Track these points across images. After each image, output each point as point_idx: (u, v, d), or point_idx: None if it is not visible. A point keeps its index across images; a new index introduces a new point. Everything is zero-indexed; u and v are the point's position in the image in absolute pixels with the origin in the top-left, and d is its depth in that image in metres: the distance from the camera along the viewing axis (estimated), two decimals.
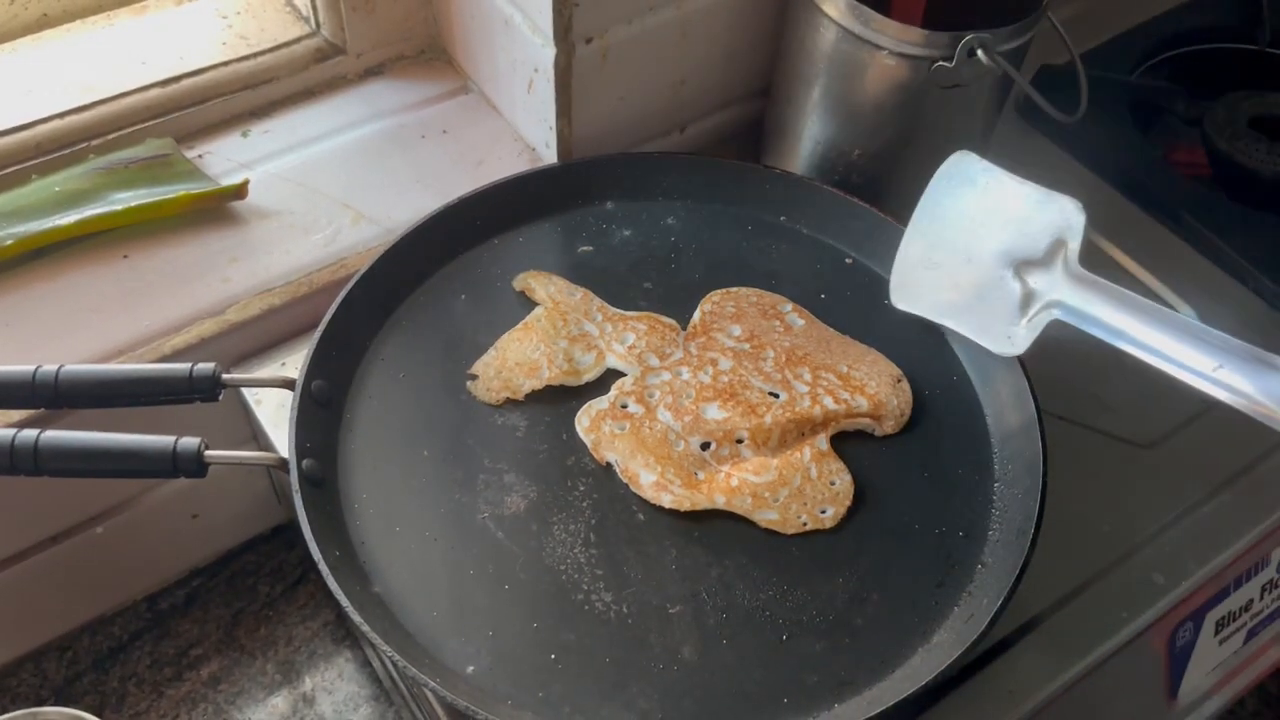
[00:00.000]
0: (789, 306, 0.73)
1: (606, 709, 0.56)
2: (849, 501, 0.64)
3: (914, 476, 0.66)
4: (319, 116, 0.84)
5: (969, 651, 0.56)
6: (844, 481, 0.64)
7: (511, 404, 0.67)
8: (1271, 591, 0.76)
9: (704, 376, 0.68)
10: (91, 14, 0.84)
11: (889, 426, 0.67)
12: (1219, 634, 0.73)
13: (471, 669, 0.57)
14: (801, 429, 0.66)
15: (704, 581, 0.61)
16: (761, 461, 0.65)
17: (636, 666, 0.58)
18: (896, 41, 0.70)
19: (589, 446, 0.65)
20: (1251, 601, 0.75)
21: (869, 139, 0.77)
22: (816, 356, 0.70)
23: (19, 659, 0.77)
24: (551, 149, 0.80)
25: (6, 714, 0.63)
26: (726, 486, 0.64)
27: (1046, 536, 0.60)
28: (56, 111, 0.77)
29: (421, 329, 0.71)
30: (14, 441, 0.57)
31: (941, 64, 0.70)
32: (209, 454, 0.59)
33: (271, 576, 0.83)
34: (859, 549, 0.63)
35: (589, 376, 0.69)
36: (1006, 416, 0.67)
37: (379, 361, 0.69)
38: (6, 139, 0.76)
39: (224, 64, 0.82)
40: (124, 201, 0.74)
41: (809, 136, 0.79)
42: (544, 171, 0.78)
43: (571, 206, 0.78)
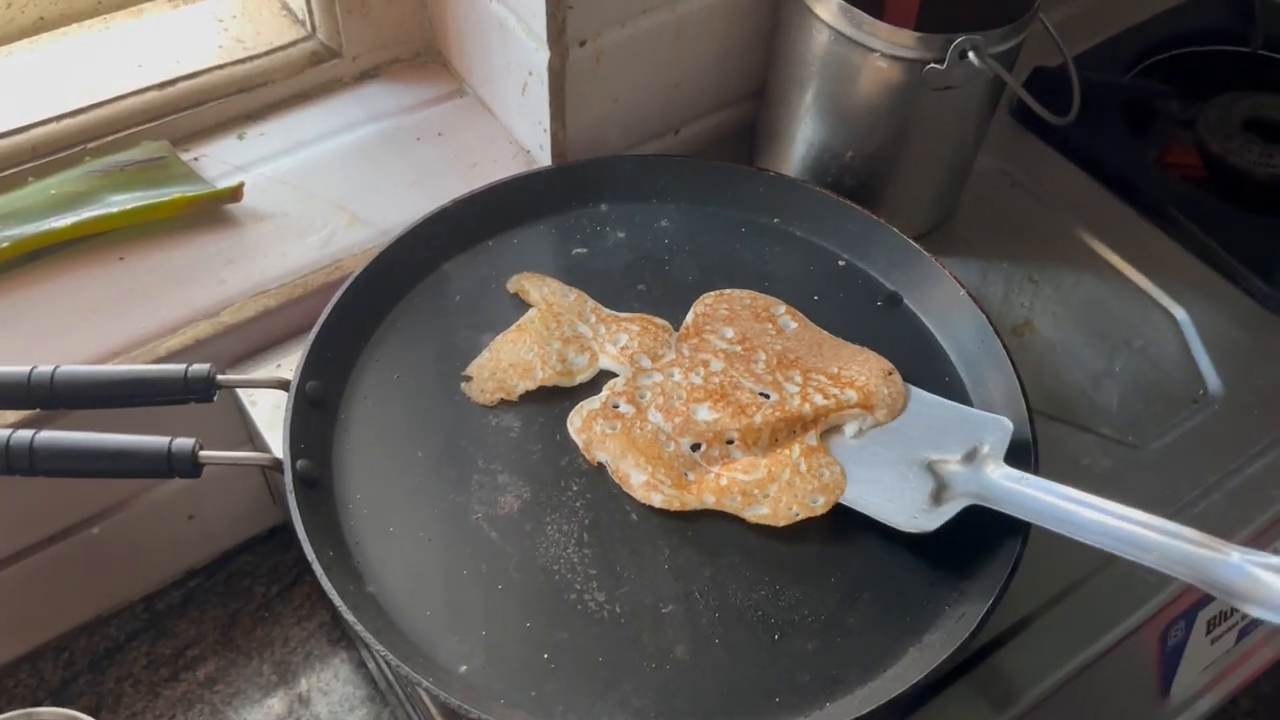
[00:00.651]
0: (782, 309, 0.73)
1: (599, 708, 0.56)
2: (840, 490, 0.63)
3: None
4: (314, 119, 0.84)
5: (960, 650, 0.56)
6: (834, 472, 0.64)
7: (505, 405, 0.68)
8: None
9: (695, 378, 0.69)
10: (88, 17, 0.84)
11: (882, 416, 0.67)
12: (1210, 633, 0.74)
13: (465, 668, 0.57)
14: (792, 427, 0.66)
15: (697, 581, 0.61)
16: (751, 461, 0.65)
17: (629, 665, 0.58)
18: (888, 44, 0.70)
19: (581, 447, 0.66)
20: None
21: (862, 141, 0.77)
22: (808, 359, 0.70)
23: (16, 660, 0.77)
24: (546, 151, 0.80)
25: (2, 714, 0.63)
26: (716, 486, 0.64)
27: (1039, 535, 0.60)
28: (53, 114, 0.77)
29: (416, 330, 0.71)
30: (9, 442, 0.57)
31: (933, 66, 0.70)
32: (204, 454, 0.59)
33: (267, 577, 0.83)
34: (851, 549, 0.63)
35: (582, 377, 0.69)
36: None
37: (373, 363, 0.69)
38: (3, 142, 0.76)
39: (220, 67, 0.82)
40: (120, 204, 0.74)
41: (802, 139, 0.80)
42: (538, 174, 0.78)
43: (565, 208, 0.78)
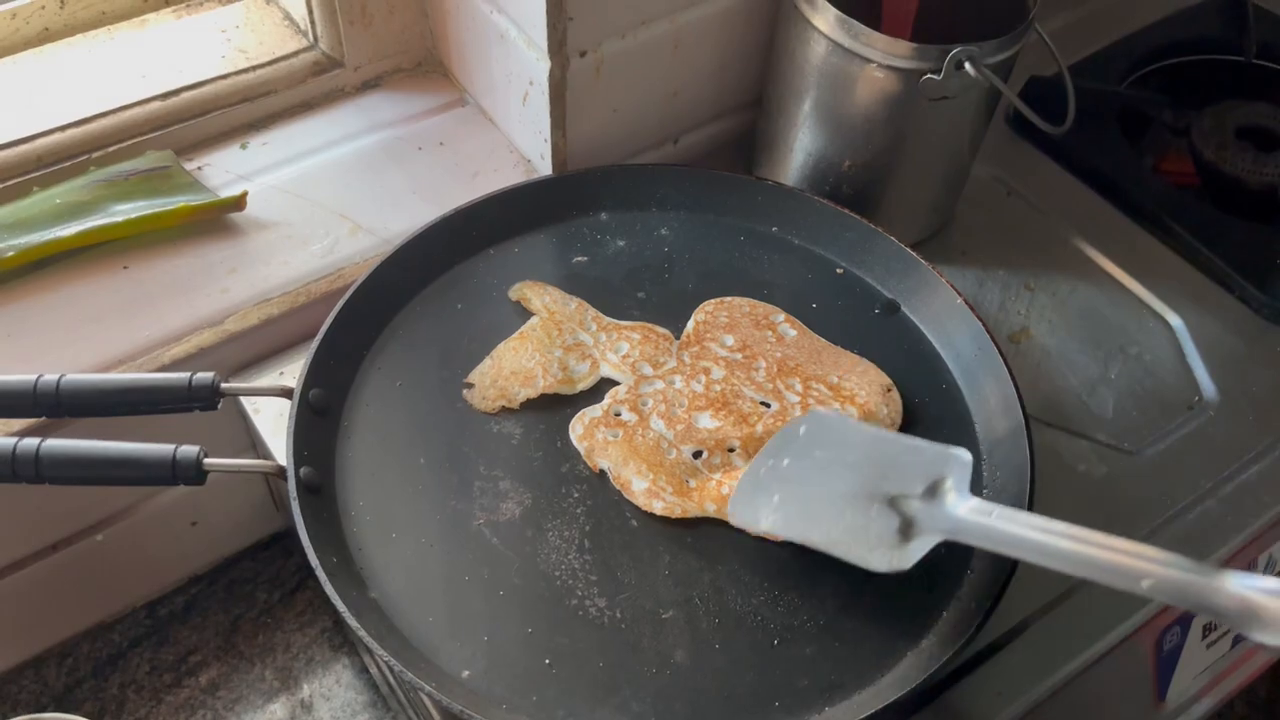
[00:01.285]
0: (781, 317, 0.74)
1: (600, 712, 0.57)
2: None
3: None
4: (317, 129, 0.85)
5: (957, 655, 0.57)
6: None
7: (507, 412, 0.68)
8: None
9: (697, 385, 0.69)
10: (92, 28, 0.85)
11: None
12: (1206, 638, 0.74)
13: (467, 673, 0.58)
14: None
15: (697, 586, 0.62)
16: None
17: (629, 670, 0.58)
18: (885, 54, 0.71)
19: (582, 454, 0.66)
20: None
21: (859, 150, 0.78)
22: (808, 367, 0.71)
23: (19, 665, 0.78)
24: (546, 160, 0.81)
25: None
26: (717, 494, 0.64)
27: None
28: (57, 124, 0.78)
29: (418, 338, 0.72)
30: (15, 449, 0.57)
31: (930, 76, 0.71)
32: (208, 461, 0.59)
33: (270, 584, 0.83)
34: None
35: (584, 385, 0.70)
36: (995, 423, 0.68)
37: (376, 370, 0.70)
38: (8, 151, 0.76)
39: (223, 77, 0.82)
40: (124, 213, 0.75)
41: (800, 148, 0.80)
42: (539, 183, 0.79)
43: (566, 217, 0.79)
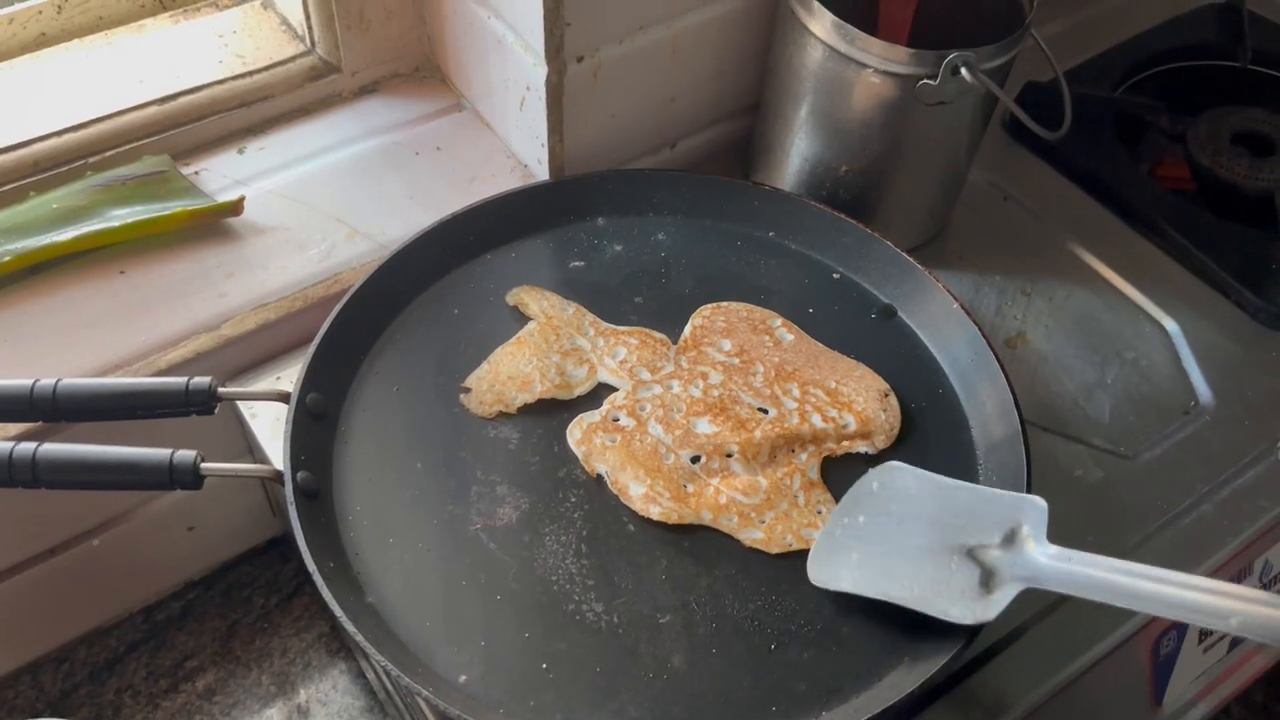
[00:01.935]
0: (778, 321, 0.74)
1: (597, 717, 0.57)
2: None
3: None
4: (314, 134, 0.85)
5: (955, 660, 0.57)
6: (830, 511, 0.64)
7: (504, 417, 0.68)
8: None
9: (694, 390, 0.69)
10: (89, 33, 0.85)
11: (880, 442, 0.68)
12: (1202, 642, 0.74)
13: (464, 678, 0.58)
14: (791, 444, 0.67)
15: (694, 591, 0.62)
16: (751, 482, 0.65)
17: (627, 675, 0.58)
18: (882, 60, 0.71)
19: (580, 458, 0.66)
20: None
21: (856, 155, 0.78)
22: (805, 372, 0.71)
23: (16, 671, 0.78)
24: (544, 165, 0.81)
25: None
26: (715, 503, 0.64)
27: None
28: (54, 129, 0.78)
29: (415, 343, 0.72)
30: (12, 454, 0.57)
31: (926, 82, 0.71)
32: (205, 466, 0.59)
33: (266, 589, 0.83)
34: None
35: (581, 390, 0.70)
36: (991, 428, 0.68)
37: (373, 375, 0.70)
38: (5, 156, 0.76)
39: (220, 82, 0.83)
40: (121, 218, 0.75)
41: (797, 153, 0.81)
42: (536, 188, 0.79)
43: (563, 222, 0.79)
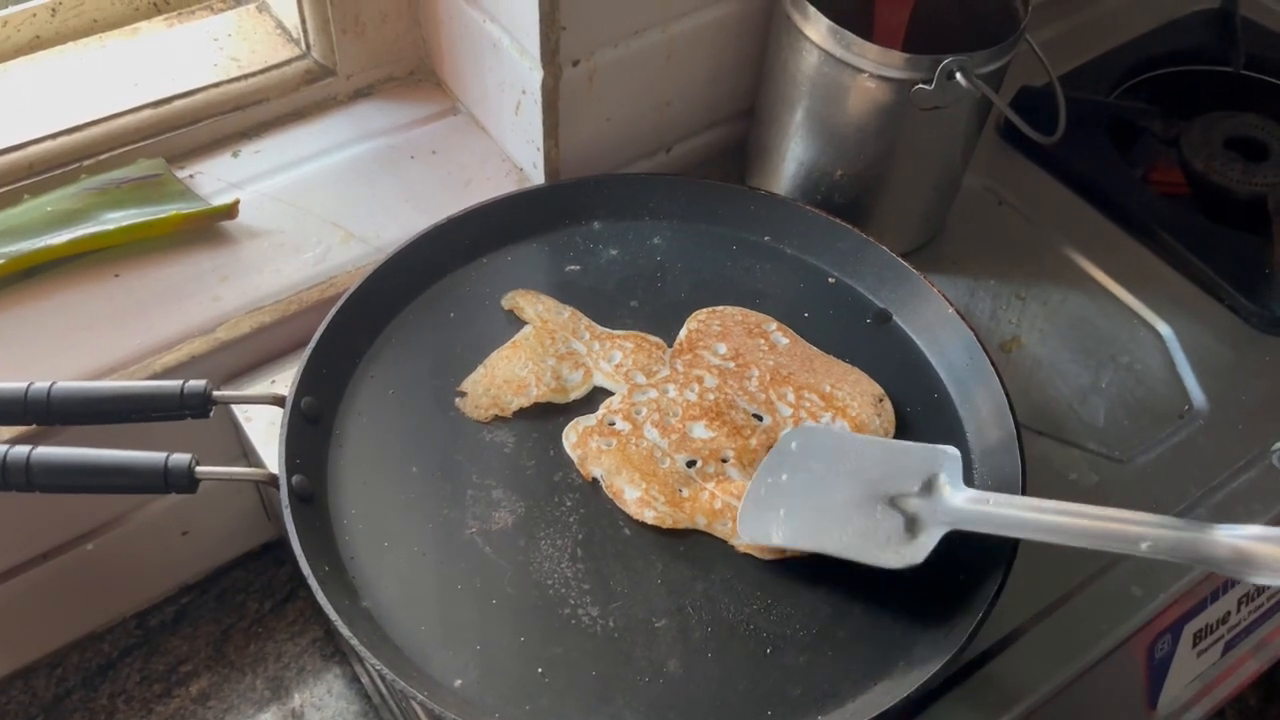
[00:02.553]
0: (774, 325, 0.74)
1: None
2: None
3: None
4: (309, 137, 0.85)
5: (950, 664, 0.57)
6: None
7: (499, 421, 0.68)
8: (1248, 604, 0.77)
9: (690, 394, 0.69)
10: (84, 36, 0.85)
11: None
12: (1197, 646, 0.74)
13: (459, 682, 0.58)
14: None
15: (689, 596, 0.62)
16: (745, 487, 0.65)
17: (622, 680, 0.58)
18: (877, 64, 0.71)
19: (576, 462, 0.66)
20: (1229, 614, 0.76)
21: (851, 160, 0.78)
22: (800, 376, 0.71)
23: (9, 676, 0.77)
24: (539, 169, 0.81)
25: None
26: (710, 508, 0.64)
27: (1027, 549, 0.60)
28: (49, 132, 0.78)
29: (411, 347, 0.71)
30: (6, 458, 0.57)
31: (921, 86, 0.71)
32: (200, 470, 0.59)
33: (261, 593, 0.83)
34: (841, 565, 0.62)
35: (576, 394, 0.70)
36: (986, 432, 0.68)
37: (368, 379, 0.70)
38: None
39: (215, 85, 0.83)
40: (116, 221, 0.75)
41: (792, 157, 0.81)
42: (531, 192, 0.79)
43: (559, 226, 0.79)
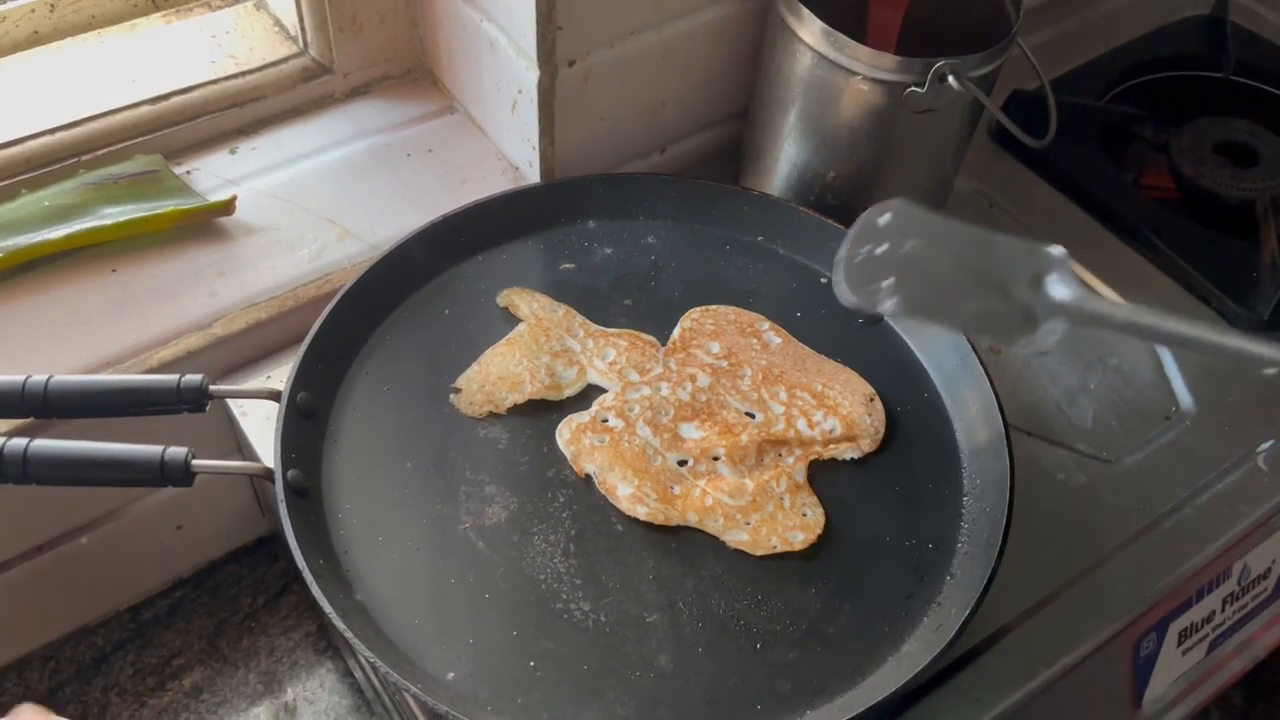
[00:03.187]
0: (766, 325, 0.74)
1: (584, 715, 0.57)
2: (819, 530, 0.65)
3: (886, 492, 0.67)
4: (306, 134, 0.85)
5: (938, 660, 0.58)
6: (815, 514, 0.65)
7: (494, 417, 0.69)
8: (1233, 604, 0.78)
9: (683, 393, 0.70)
10: (82, 32, 0.85)
11: (865, 445, 0.69)
12: (1182, 644, 0.75)
13: (452, 675, 0.58)
14: (777, 448, 0.68)
15: (680, 591, 0.62)
16: (737, 484, 0.66)
17: (614, 674, 0.59)
18: (869, 67, 0.72)
19: (569, 459, 0.67)
20: (1214, 613, 0.76)
21: (843, 162, 0.79)
22: (792, 375, 0.71)
23: (3, 668, 0.78)
24: (535, 168, 0.82)
25: None
26: (700, 505, 0.65)
27: (1015, 547, 0.61)
28: (47, 127, 0.78)
29: (406, 343, 0.72)
30: (4, 450, 0.58)
31: (914, 89, 0.72)
32: (196, 463, 0.60)
33: (254, 588, 0.83)
34: (832, 561, 0.64)
35: (570, 391, 0.70)
36: (976, 432, 0.69)
37: (363, 375, 0.70)
38: None
39: (213, 82, 0.83)
40: (113, 216, 0.75)
41: (785, 159, 0.81)
42: (527, 190, 0.80)
43: (554, 225, 0.79)
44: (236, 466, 0.64)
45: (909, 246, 0.60)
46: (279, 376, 0.73)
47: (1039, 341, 0.57)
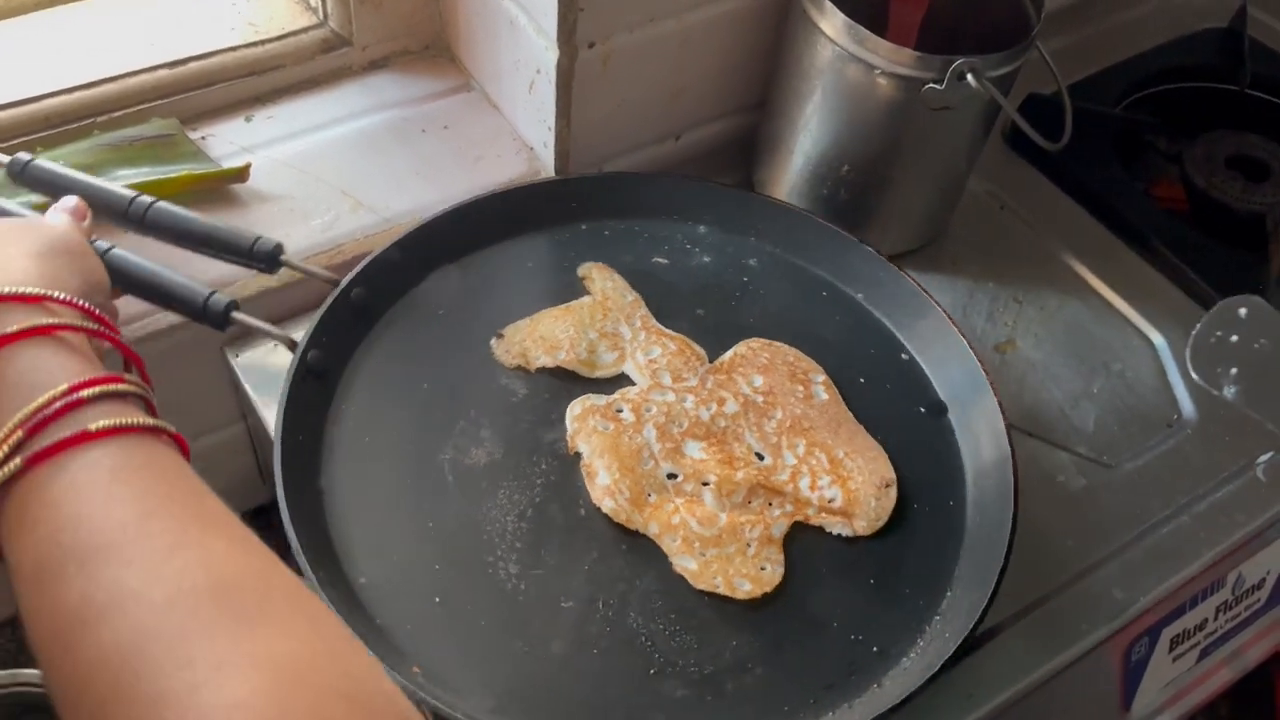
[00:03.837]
0: (821, 378, 0.72)
1: (456, 666, 0.57)
2: (769, 588, 0.62)
3: (859, 579, 0.64)
4: (322, 106, 0.85)
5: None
6: (773, 572, 0.63)
7: (521, 371, 0.70)
8: (1225, 613, 0.78)
9: (704, 412, 0.68)
10: None
11: (859, 527, 0.65)
12: (1173, 651, 0.75)
13: (363, 580, 0.60)
14: (770, 496, 0.65)
15: (607, 591, 0.61)
16: (711, 514, 0.64)
17: (503, 639, 0.59)
18: (889, 62, 0.72)
19: (568, 433, 0.67)
20: (1206, 621, 0.77)
21: (858, 156, 0.79)
22: (820, 433, 0.68)
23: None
24: (549, 149, 0.82)
25: None
26: (666, 520, 0.64)
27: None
28: (64, 86, 0.78)
29: (479, 281, 0.74)
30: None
31: (932, 86, 0.72)
32: (236, 315, 0.64)
33: None
34: (768, 622, 0.61)
35: (603, 373, 0.70)
36: (983, 527, 0.66)
37: (431, 290, 0.73)
38: (13, 111, 0.77)
39: (231, 49, 0.83)
40: (127, 178, 0.75)
41: (800, 150, 0.81)
42: (661, 178, 0.80)
43: (668, 218, 0.79)
44: (269, 328, 0.66)
45: (1260, 344, 0.60)
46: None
47: None
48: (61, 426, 0.40)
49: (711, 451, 0.67)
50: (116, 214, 0.66)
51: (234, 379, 0.74)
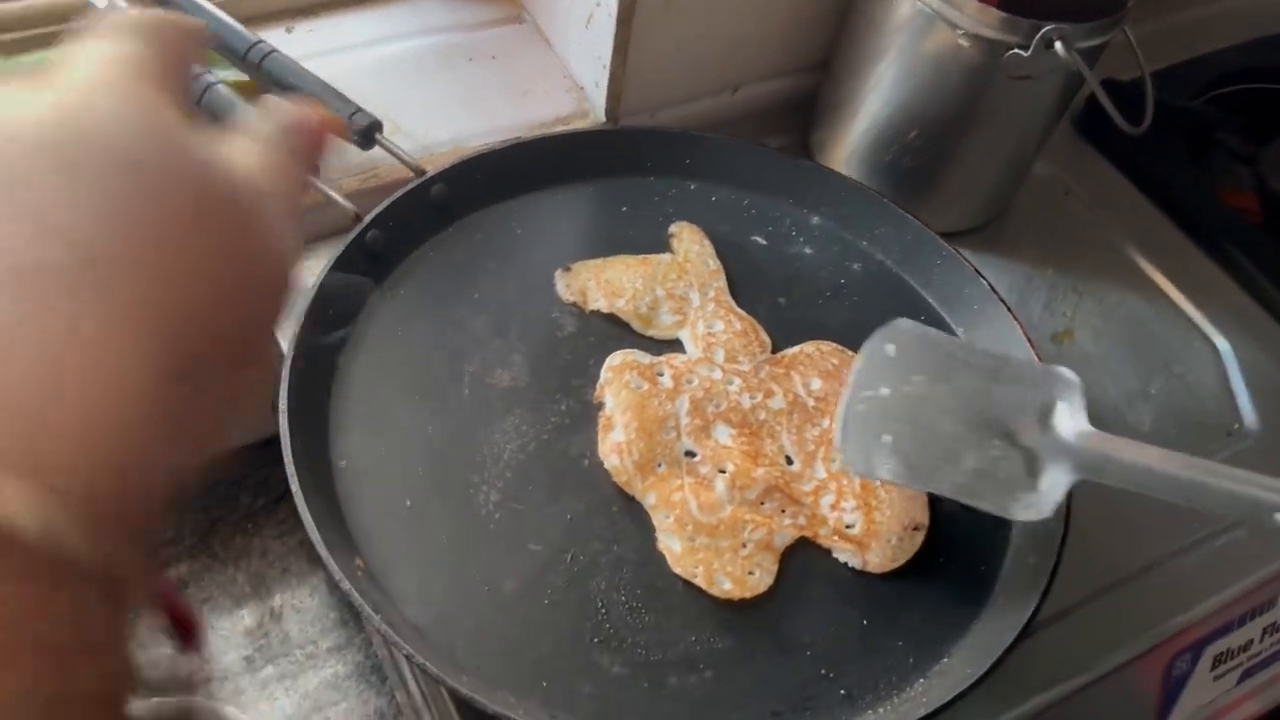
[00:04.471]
0: None
1: (404, 579, 0.55)
2: (750, 595, 0.57)
3: (852, 613, 0.57)
4: (367, 23, 0.81)
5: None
6: (761, 579, 0.57)
7: (577, 309, 0.67)
8: (1272, 634, 0.74)
9: (747, 400, 0.63)
10: None
11: (871, 562, 0.59)
12: (1215, 669, 0.72)
13: (344, 463, 0.58)
14: (784, 505, 0.60)
15: (581, 547, 0.57)
16: (716, 502, 0.59)
17: (461, 565, 0.56)
18: (973, 21, 0.68)
19: (601, 380, 0.63)
20: (1251, 641, 0.73)
21: (928, 122, 0.75)
22: None
23: None
24: (601, 89, 0.77)
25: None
26: (666, 495, 0.59)
27: None
28: None
29: (566, 211, 0.72)
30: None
31: (1016, 52, 0.68)
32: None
33: (255, 489, 0.80)
34: (737, 628, 0.56)
35: (657, 333, 0.66)
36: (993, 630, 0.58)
37: (507, 216, 0.71)
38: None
39: None
40: None
41: (866, 112, 0.77)
42: (797, 165, 0.74)
43: (785, 198, 0.74)
44: (332, 193, 0.65)
45: (911, 385, 0.56)
46: (313, 268, 0.69)
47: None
48: None
49: (740, 441, 0.62)
50: (234, 55, 0.66)
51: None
